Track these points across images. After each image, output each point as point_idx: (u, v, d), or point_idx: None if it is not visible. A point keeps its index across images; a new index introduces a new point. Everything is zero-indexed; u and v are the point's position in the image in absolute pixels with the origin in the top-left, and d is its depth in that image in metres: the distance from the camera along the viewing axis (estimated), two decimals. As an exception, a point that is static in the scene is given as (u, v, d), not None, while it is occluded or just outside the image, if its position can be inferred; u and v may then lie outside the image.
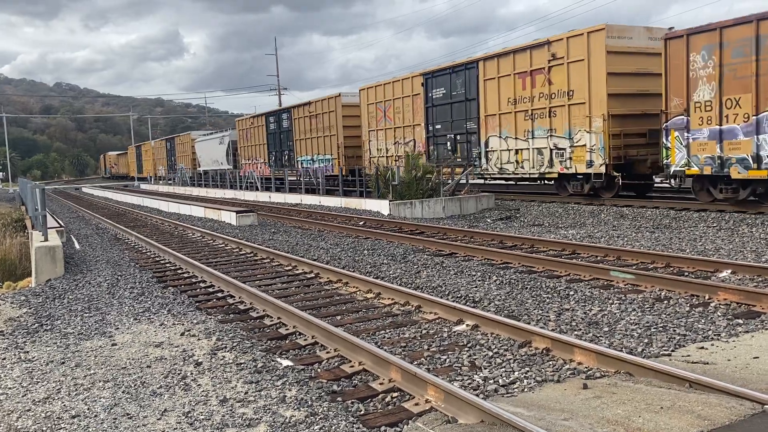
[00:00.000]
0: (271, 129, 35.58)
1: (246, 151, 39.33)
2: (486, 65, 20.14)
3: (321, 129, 29.49)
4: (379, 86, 25.67)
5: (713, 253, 9.97)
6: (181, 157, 53.64)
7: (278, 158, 34.74)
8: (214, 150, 45.01)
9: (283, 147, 34.14)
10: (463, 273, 9.41)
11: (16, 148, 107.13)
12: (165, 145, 60.04)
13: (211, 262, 11.64)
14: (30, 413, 4.82)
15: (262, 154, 36.66)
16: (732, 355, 5.33)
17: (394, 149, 24.76)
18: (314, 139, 30.37)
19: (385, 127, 25.35)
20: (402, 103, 24.21)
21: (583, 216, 15.81)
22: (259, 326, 7.08)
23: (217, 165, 44.29)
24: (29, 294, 9.50)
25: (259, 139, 36.99)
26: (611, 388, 4.62)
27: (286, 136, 33.72)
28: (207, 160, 46.57)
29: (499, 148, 19.78)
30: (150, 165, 66.03)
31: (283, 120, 33.97)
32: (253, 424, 4.41)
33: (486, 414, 4.14)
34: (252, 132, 38.23)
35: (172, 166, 56.55)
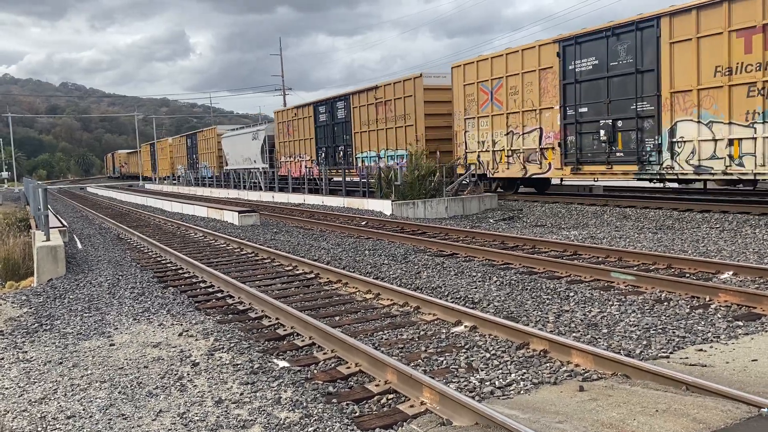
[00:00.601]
0: (321, 121, 30.38)
1: (286, 147, 34.26)
2: (675, 22, 14.63)
3: (392, 118, 24.63)
4: (484, 61, 20.20)
5: (715, 255, 9.92)
6: (205, 155, 48.62)
7: (330, 155, 29.57)
8: (245, 146, 39.28)
9: (338, 141, 29.04)
10: (463, 274, 9.38)
11: (22, 148, 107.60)
12: (185, 141, 54.57)
13: (212, 262, 11.65)
14: (26, 414, 4.82)
15: (309, 151, 31.71)
16: (730, 357, 5.29)
17: (505, 141, 19.60)
18: (382, 131, 25.39)
19: (491, 113, 20.08)
20: (520, 81, 18.87)
21: (585, 217, 15.76)
22: (258, 327, 7.08)
23: (248, 163, 38.81)
24: (30, 294, 9.53)
25: (305, 132, 31.97)
26: (607, 391, 4.59)
27: (341, 129, 28.61)
28: (236, 157, 41.07)
29: (697, 137, 14.42)
30: (167, 164, 60.28)
31: (338, 109, 28.80)
32: (247, 426, 4.40)
33: (480, 416, 4.12)
34: (295, 125, 33.05)
35: (194, 165, 51.61)
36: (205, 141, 48.69)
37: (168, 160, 59.75)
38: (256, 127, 38.34)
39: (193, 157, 52.15)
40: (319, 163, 30.16)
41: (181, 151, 55.89)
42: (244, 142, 39.55)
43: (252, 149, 38.24)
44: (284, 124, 34.71)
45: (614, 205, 16.78)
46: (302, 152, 32.60)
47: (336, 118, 29.17)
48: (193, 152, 51.88)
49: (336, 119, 29.17)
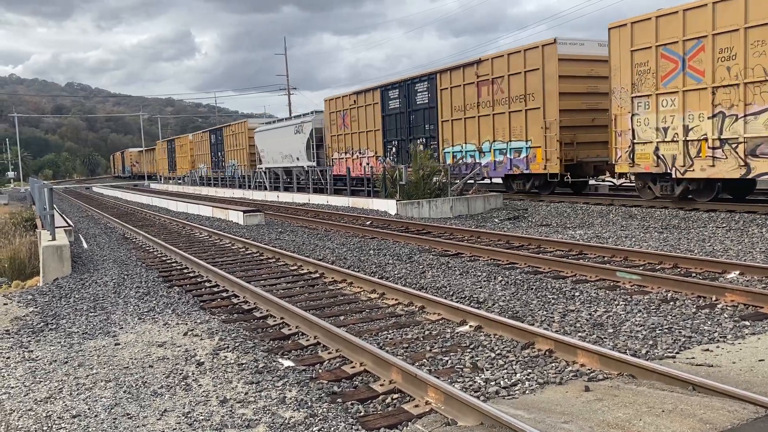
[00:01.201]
0: (392, 108, 25.22)
1: (341, 142, 29.24)
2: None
3: (503, 101, 19.52)
4: (670, 15, 14.65)
5: (722, 254, 9.87)
6: (233, 152, 43.35)
7: (404, 149, 24.42)
8: (286, 141, 33.89)
9: (416, 133, 23.85)
10: (468, 273, 9.36)
11: (28, 148, 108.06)
12: (208, 137, 49.24)
13: (217, 261, 11.66)
14: (31, 413, 4.83)
15: (373, 145, 26.66)
16: (737, 357, 5.26)
17: (710, 126, 14.04)
18: (486, 117, 20.29)
19: (681, 88, 14.56)
20: (741, 40, 13.24)
21: (591, 216, 15.72)
22: (262, 326, 7.08)
23: (289, 161, 33.98)
24: (36, 293, 9.56)
25: (368, 122, 26.98)
26: (613, 391, 4.57)
27: (421, 117, 23.52)
28: (274, 154, 35.92)
29: None
30: (186, 162, 54.94)
31: (417, 93, 23.77)
32: (252, 425, 4.39)
33: (486, 416, 4.10)
34: (353, 114, 28.04)
35: (219, 163, 46.33)
36: (233, 137, 43.27)
37: (188, 159, 54.68)
38: (301, 119, 33.07)
39: (218, 155, 46.94)
40: (391, 159, 25.05)
41: (203, 148, 50.79)
42: (285, 137, 34.18)
43: (294, 144, 33.09)
44: (338, 114, 29.33)
45: (620, 204, 16.73)
46: (363, 147, 27.48)
47: (414, 103, 23.87)
48: (219, 149, 46.75)
49: (414, 105, 23.87)
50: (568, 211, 16.73)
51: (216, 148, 47.68)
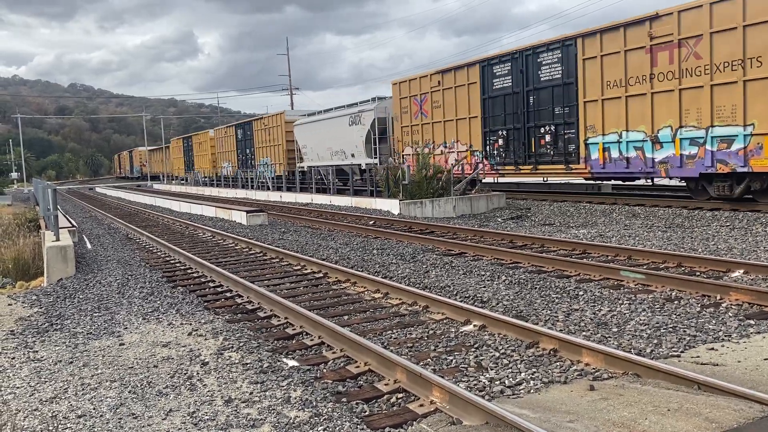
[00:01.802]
0: (498, 88, 19.82)
1: (416, 134, 24.08)
2: None
3: (694, 71, 14.42)
4: None
5: (726, 253, 9.86)
6: (265, 149, 37.45)
7: (516, 140, 19.35)
8: (338, 134, 28.60)
9: (537, 119, 18.69)
10: (472, 273, 9.36)
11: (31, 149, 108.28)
12: (234, 133, 43.39)
13: (221, 261, 11.67)
14: (37, 413, 4.84)
15: (466, 136, 21.52)
16: (742, 356, 5.25)
17: None
18: (660, 95, 15.22)
19: None
20: None
21: (594, 215, 15.70)
22: (267, 326, 7.08)
23: (341, 158, 28.79)
24: (40, 293, 9.58)
25: (459, 108, 21.72)
26: (618, 390, 4.57)
27: (548, 98, 18.21)
28: (320, 150, 30.72)
29: None
30: (206, 161, 49.72)
31: (541, 66, 18.31)
32: (257, 425, 4.40)
33: (491, 415, 4.10)
34: (436, 99, 22.74)
35: (246, 162, 40.70)
36: (266, 131, 37.20)
37: (208, 157, 49.15)
38: (358, 107, 27.52)
39: (246, 153, 41.22)
40: (490, 155, 20.18)
41: (227, 145, 44.91)
42: (335, 130, 28.76)
43: (349, 138, 27.70)
44: (412, 100, 24.15)
45: (623, 203, 16.70)
46: (451, 139, 22.25)
47: (535, 80, 18.50)
48: (247, 146, 40.75)
49: (536, 82, 18.52)
50: (571, 210, 16.71)
51: (244, 144, 41.65)
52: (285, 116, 35.22)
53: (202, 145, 51.66)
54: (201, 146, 52.03)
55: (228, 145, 44.90)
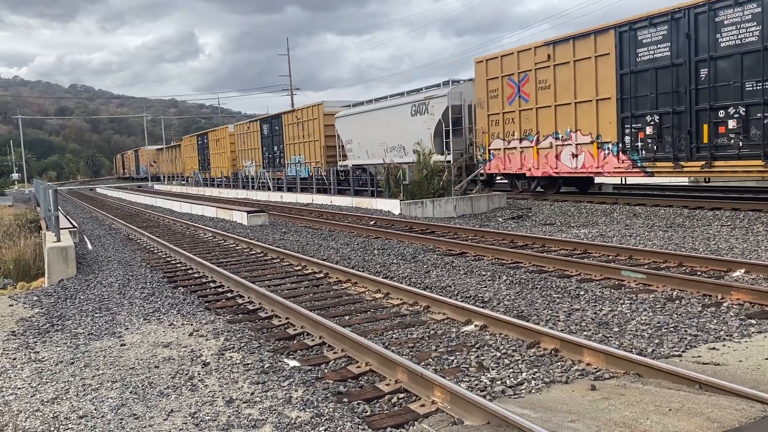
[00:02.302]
0: (645, 59, 15.48)
1: (510, 123, 19.63)
2: None
3: None
4: None
5: (727, 253, 9.85)
6: (299, 146, 32.52)
7: (680, 126, 14.80)
8: (395, 127, 24.15)
9: (715, 98, 14.05)
10: (472, 273, 9.36)
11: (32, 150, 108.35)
12: (258, 128, 38.22)
13: (222, 262, 11.68)
14: (38, 413, 4.85)
15: (589, 124, 17.02)
16: (744, 356, 5.25)
17: None
18: None
19: None
20: None
21: (595, 215, 15.70)
22: (268, 326, 7.08)
23: (398, 154, 23.98)
24: (42, 294, 9.58)
25: (581, 88, 17.16)
26: (620, 390, 4.56)
27: (736, 69, 13.57)
28: (370, 146, 26.03)
29: None
30: (225, 160, 44.46)
31: (723, 26, 13.69)
32: (258, 425, 4.40)
33: (492, 415, 4.10)
34: (544, 77, 18.27)
35: (274, 160, 35.96)
36: (299, 126, 32.44)
37: (227, 156, 44.15)
38: (423, 93, 23.06)
39: (273, 150, 36.10)
40: (630, 148, 15.91)
41: (251, 141, 39.74)
42: (393, 121, 24.17)
43: (412, 131, 22.90)
44: (505, 81, 19.68)
45: (624, 203, 16.70)
46: (566, 128, 17.78)
47: (713, 46, 13.95)
48: (275, 142, 35.82)
49: (714, 49, 13.94)
50: (572, 210, 16.71)
51: (271, 141, 36.50)
52: (324, 107, 30.18)
53: (220, 143, 46.09)
54: (219, 144, 46.32)
55: (251, 142, 39.61)
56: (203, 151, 51.28)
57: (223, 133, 45.48)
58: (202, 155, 51.42)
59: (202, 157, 51.44)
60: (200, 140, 52.18)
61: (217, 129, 48.73)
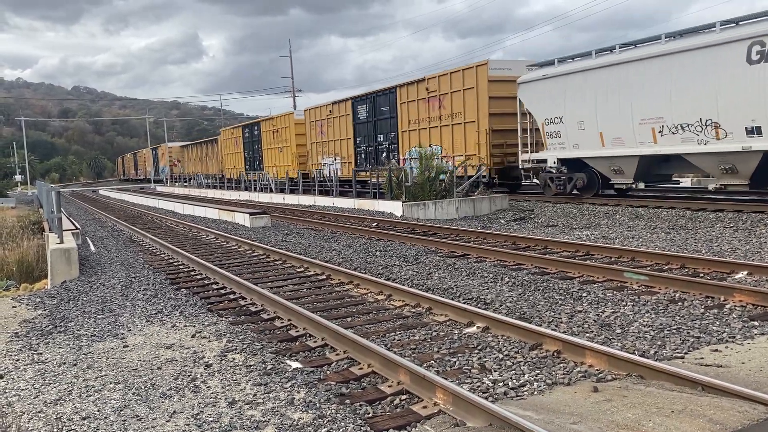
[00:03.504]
0: None
1: None
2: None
3: None
4: None
5: (729, 254, 9.84)
6: (424, 133, 23.22)
7: None
8: (701, 87, 13.97)
9: None
10: (475, 274, 9.36)
11: (34, 151, 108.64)
12: (349, 110, 28.30)
13: (224, 263, 11.69)
14: (41, 414, 4.86)
15: None
16: (747, 357, 5.24)
17: None
18: None
19: None
20: None
21: (597, 217, 15.68)
22: (270, 328, 7.09)
23: (695, 137, 14.25)
24: (44, 296, 9.60)
25: None
26: (622, 392, 4.56)
27: None
28: (613, 124, 16.25)
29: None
30: (288, 156, 33.99)
31: None
32: (260, 427, 4.40)
33: (494, 417, 4.10)
34: None
35: (376, 154, 26.45)
36: (428, 103, 22.91)
37: (291, 150, 33.83)
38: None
39: (375, 141, 26.54)
40: None
41: (335, 130, 29.67)
42: (691, 76, 14.28)
43: (748, 92, 13.16)
44: None
45: (626, 204, 16.68)
46: None
47: None
48: (380, 130, 26.19)
49: None
50: (574, 211, 16.70)
51: (370, 128, 26.87)
52: (488, 67, 20.22)
53: (279, 134, 35.30)
54: (278, 135, 35.55)
55: (336, 131, 29.62)
56: (252, 146, 40.39)
57: (287, 121, 34.33)
58: (250, 150, 40.81)
59: (250, 153, 41.07)
60: (248, 132, 40.94)
61: (275, 116, 37.03)
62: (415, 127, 23.88)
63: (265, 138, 37.37)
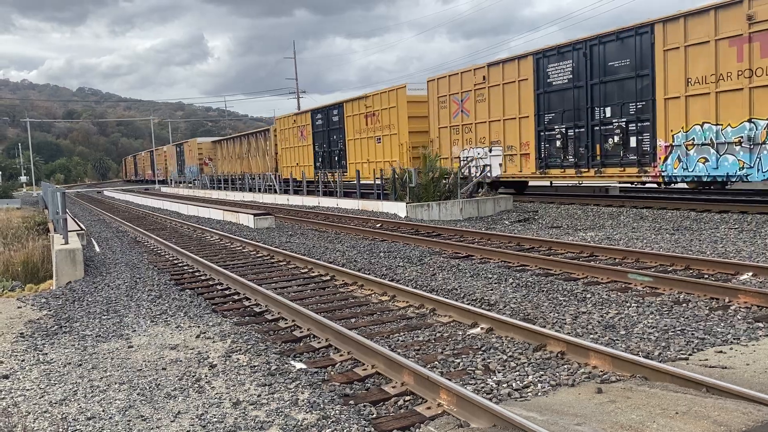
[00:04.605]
0: None
1: None
2: None
3: None
4: None
5: (734, 255, 9.81)
6: None
7: None
8: None
9: None
10: (479, 275, 9.36)
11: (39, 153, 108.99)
12: (532, 71, 18.85)
13: (228, 264, 11.71)
14: (47, 414, 4.88)
15: None
16: (751, 359, 5.23)
17: None
18: None
19: None
20: None
21: (602, 218, 15.66)
22: (274, 329, 7.10)
23: None
24: (50, 296, 9.63)
25: None
26: (626, 393, 4.56)
27: None
28: None
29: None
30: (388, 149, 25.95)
31: None
32: (264, 427, 4.41)
33: (498, 418, 4.10)
34: None
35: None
36: None
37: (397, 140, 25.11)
38: None
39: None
40: None
41: (497, 103, 20.55)
42: None
43: None
44: None
45: (631, 206, 16.66)
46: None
47: None
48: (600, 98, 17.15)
49: None
50: (579, 212, 16.67)
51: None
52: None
53: (376, 119, 26.31)
54: (375, 122, 26.43)
55: (506, 101, 20.13)
56: (325, 138, 30.87)
57: (393, 98, 24.87)
58: (323, 143, 31.03)
59: (323, 146, 31.20)
60: (320, 119, 31.02)
61: (371, 94, 26.91)
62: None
63: (351, 126, 28.56)
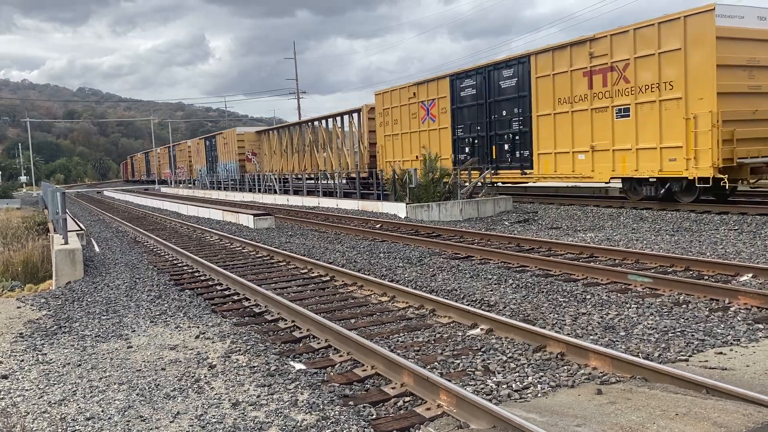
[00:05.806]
0: None
1: None
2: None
3: None
4: None
5: (734, 257, 9.81)
6: None
7: None
8: None
9: None
10: (479, 276, 9.35)
11: (40, 153, 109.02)
12: None
13: (228, 265, 11.70)
14: (46, 415, 4.87)
15: None
16: (751, 360, 5.23)
17: None
18: None
19: None
20: None
21: (602, 219, 15.65)
22: (274, 329, 7.10)
23: None
24: (49, 296, 9.62)
25: None
26: (626, 394, 4.55)
27: None
28: None
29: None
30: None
31: None
32: (264, 428, 4.41)
33: (498, 419, 4.10)
34: None
35: None
36: None
37: (704, 103, 14.33)
38: None
39: None
40: None
41: None
42: None
43: None
44: None
45: (631, 206, 16.65)
46: None
47: None
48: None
49: None
50: (579, 213, 16.67)
51: None
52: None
53: (619, 76, 16.37)
54: (615, 81, 16.50)
55: None
56: (486, 114, 21.49)
57: (665, 37, 15.12)
58: (481, 123, 21.76)
59: (478, 131, 22.03)
60: (474, 85, 22.00)
61: (605, 33, 16.76)
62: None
63: (551, 88, 18.61)
